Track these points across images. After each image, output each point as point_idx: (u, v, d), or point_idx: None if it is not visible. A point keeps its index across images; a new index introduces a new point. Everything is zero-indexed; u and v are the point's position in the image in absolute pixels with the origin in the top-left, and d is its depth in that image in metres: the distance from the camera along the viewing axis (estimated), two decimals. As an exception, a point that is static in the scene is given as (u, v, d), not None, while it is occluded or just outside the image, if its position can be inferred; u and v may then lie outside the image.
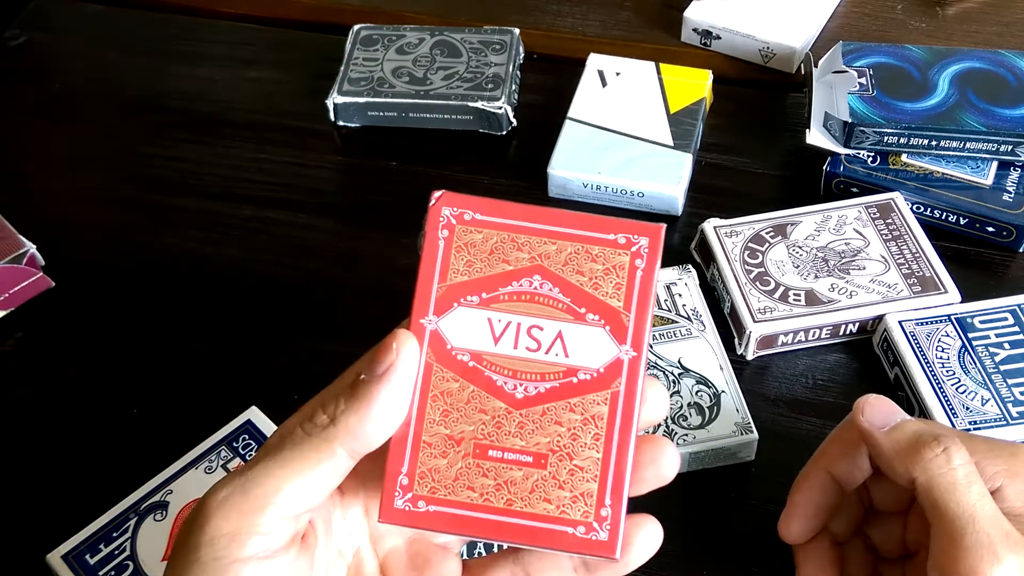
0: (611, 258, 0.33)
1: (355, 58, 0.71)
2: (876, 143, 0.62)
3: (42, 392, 0.57)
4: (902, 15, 0.76)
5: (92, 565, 0.48)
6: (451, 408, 0.32)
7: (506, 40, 0.71)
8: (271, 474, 0.30)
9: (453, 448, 0.32)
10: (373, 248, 0.64)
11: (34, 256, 0.61)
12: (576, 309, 0.32)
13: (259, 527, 0.30)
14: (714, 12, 0.73)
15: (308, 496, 0.30)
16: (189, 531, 0.30)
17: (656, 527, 0.32)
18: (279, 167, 0.69)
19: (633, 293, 0.32)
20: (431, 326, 0.33)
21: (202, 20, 0.79)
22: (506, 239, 0.33)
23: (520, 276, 0.33)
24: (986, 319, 0.55)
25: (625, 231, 0.33)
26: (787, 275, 0.57)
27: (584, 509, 0.31)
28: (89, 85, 0.75)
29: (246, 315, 0.60)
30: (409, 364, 0.31)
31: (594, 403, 0.32)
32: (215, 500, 0.30)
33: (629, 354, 0.32)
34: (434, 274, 0.33)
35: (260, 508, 0.30)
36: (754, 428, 0.51)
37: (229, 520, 0.30)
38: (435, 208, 0.33)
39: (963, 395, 0.51)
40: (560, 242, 0.33)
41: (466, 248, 0.33)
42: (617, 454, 0.32)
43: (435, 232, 0.33)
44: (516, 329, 0.32)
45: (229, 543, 0.29)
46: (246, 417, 0.53)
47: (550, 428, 0.32)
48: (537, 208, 0.33)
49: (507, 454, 0.32)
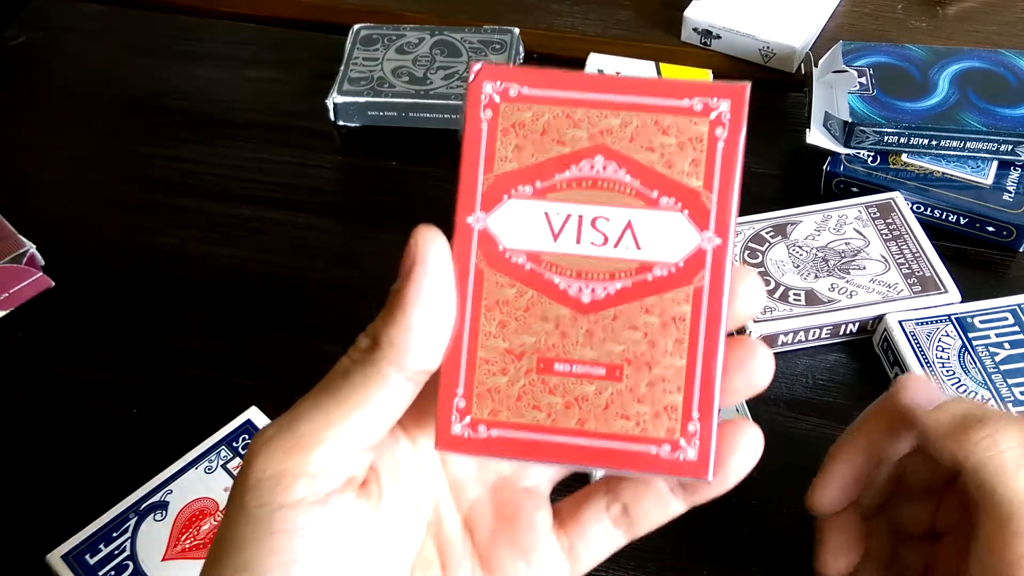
0: (686, 129, 0.28)
1: (355, 58, 0.71)
2: (876, 143, 0.62)
3: (42, 392, 0.57)
4: (902, 14, 0.76)
5: (92, 565, 0.48)
6: (509, 318, 0.28)
7: (506, 40, 0.71)
8: (320, 407, 0.27)
9: (514, 363, 0.28)
10: (373, 248, 0.63)
11: (34, 256, 0.61)
12: (647, 193, 0.28)
13: (307, 467, 0.27)
14: (714, 12, 0.73)
15: (362, 431, 0.27)
16: (239, 476, 0.28)
17: (756, 433, 0.28)
18: (279, 167, 0.68)
19: (715, 168, 0.28)
20: (479, 225, 0.29)
21: (202, 20, 0.79)
22: (560, 115, 0.28)
23: (579, 158, 0.28)
24: (986, 319, 0.55)
25: (702, 94, 0.28)
26: (787, 275, 0.57)
27: (668, 425, 0.27)
28: (88, 85, 0.75)
29: (246, 315, 0.60)
30: (436, 256, 0.28)
31: (674, 302, 0.28)
32: (261, 440, 0.27)
33: (713, 242, 0.28)
34: (478, 163, 0.29)
35: (308, 446, 0.27)
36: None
37: (273, 460, 0.27)
38: (475, 84, 0.29)
39: (963, 395, 0.51)
40: (624, 114, 0.28)
41: (514, 130, 0.28)
42: (704, 360, 0.27)
43: (476, 113, 0.29)
44: (578, 222, 0.28)
45: (274, 486, 0.27)
46: (246, 417, 0.53)
47: (624, 334, 0.28)
48: (595, 76, 0.29)
49: (576, 367, 0.28)
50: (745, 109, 0.29)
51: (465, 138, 0.29)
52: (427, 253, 0.28)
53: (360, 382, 0.27)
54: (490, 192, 0.29)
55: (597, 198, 0.28)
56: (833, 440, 0.53)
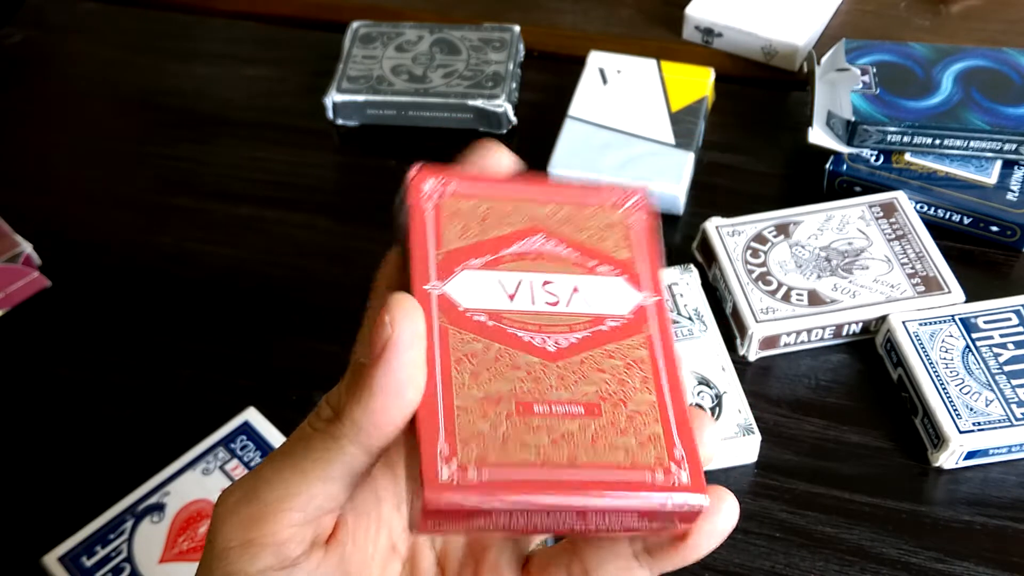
0: (606, 216, 0.32)
1: (353, 56, 0.70)
2: (879, 142, 0.61)
3: (38, 392, 0.57)
4: (905, 13, 0.76)
5: (88, 567, 0.47)
6: (480, 368, 0.28)
7: (506, 38, 0.71)
8: (282, 477, 0.27)
9: (493, 409, 0.28)
10: (372, 247, 0.62)
11: (30, 256, 0.61)
12: (586, 263, 0.31)
13: (272, 537, 0.27)
14: (716, 9, 0.72)
15: (325, 499, 0.27)
16: (207, 542, 0.28)
17: (733, 502, 0.28)
18: (277, 166, 0.68)
19: (639, 243, 0.31)
20: (436, 291, 0.29)
21: (199, 17, 0.79)
22: (496, 206, 0.31)
23: (522, 236, 0.31)
24: (990, 319, 0.54)
25: (612, 194, 0.32)
26: (789, 275, 0.57)
27: (656, 453, 0.28)
28: (86, 83, 0.75)
29: (243, 315, 0.60)
30: (411, 333, 0.27)
31: (632, 347, 0.30)
32: (225, 508, 0.28)
33: (652, 299, 0.31)
34: (428, 242, 0.30)
35: (271, 516, 0.27)
36: (756, 429, 0.51)
37: (239, 530, 0.27)
38: (415, 182, 0.31)
39: (967, 396, 0.51)
40: (552, 205, 0.31)
41: (457, 216, 0.31)
42: (672, 395, 0.29)
43: (419, 203, 0.31)
44: (530, 286, 0.30)
45: (240, 556, 0.27)
46: (243, 418, 0.52)
47: (594, 376, 0.29)
48: (520, 178, 0.32)
49: (555, 407, 0.28)
50: (650, 202, 0.32)
51: (412, 223, 0.30)
52: (401, 334, 0.26)
53: (321, 455, 0.27)
54: (443, 265, 0.30)
55: (543, 267, 0.30)
56: (834, 440, 0.53)
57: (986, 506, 0.50)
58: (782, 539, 0.49)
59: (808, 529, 0.49)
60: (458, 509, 0.27)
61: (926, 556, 0.48)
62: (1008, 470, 0.51)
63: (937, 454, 0.51)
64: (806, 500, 0.50)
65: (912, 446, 0.52)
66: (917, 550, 0.48)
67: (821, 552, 0.49)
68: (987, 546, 0.48)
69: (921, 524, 0.49)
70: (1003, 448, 0.50)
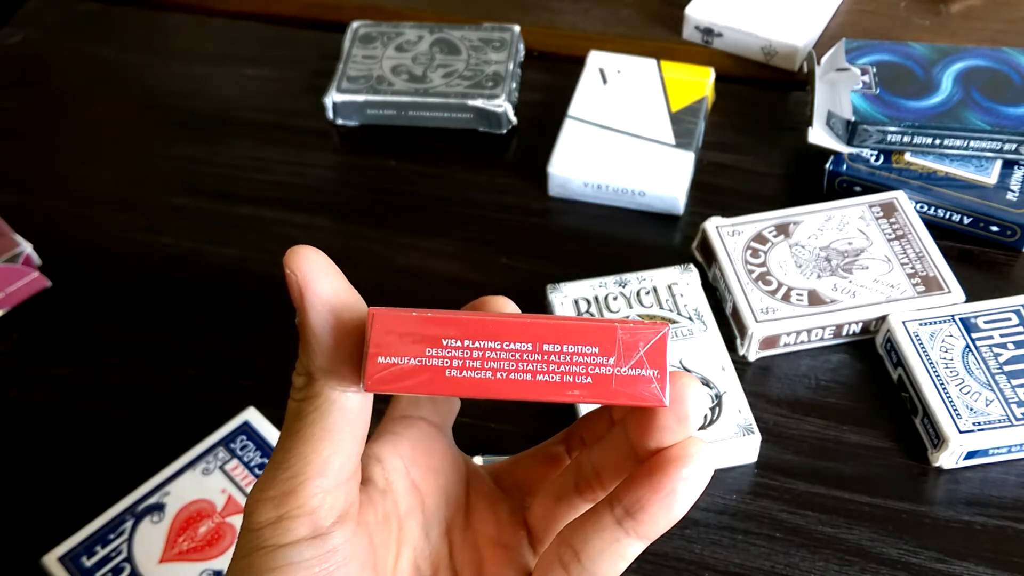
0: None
1: (353, 56, 0.70)
2: (879, 142, 0.61)
3: (38, 392, 0.57)
4: (905, 12, 0.76)
5: (88, 567, 0.47)
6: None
7: (506, 37, 0.71)
8: (293, 452, 0.28)
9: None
10: (371, 247, 0.63)
11: (30, 256, 0.61)
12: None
13: (301, 508, 0.27)
14: (716, 10, 0.72)
15: (337, 457, 0.28)
16: (241, 529, 0.29)
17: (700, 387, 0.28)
18: (277, 166, 0.68)
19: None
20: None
21: (199, 17, 0.79)
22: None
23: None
24: (990, 319, 0.54)
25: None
26: (789, 275, 0.57)
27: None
28: (85, 83, 0.75)
29: (243, 315, 0.60)
30: (314, 267, 0.27)
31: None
32: (251, 500, 0.28)
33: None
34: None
35: (296, 488, 0.27)
36: (756, 429, 0.51)
37: (271, 510, 0.28)
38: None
39: (967, 396, 0.51)
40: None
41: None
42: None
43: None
44: None
45: (274, 531, 0.27)
46: (244, 418, 0.52)
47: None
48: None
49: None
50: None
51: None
52: (307, 275, 0.27)
53: (316, 417, 0.28)
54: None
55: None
56: (834, 440, 0.53)
57: (986, 506, 0.50)
58: (782, 539, 0.49)
59: (808, 529, 0.49)
60: (409, 333, 0.26)
61: (926, 556, 0.48)
62: (1008, 470, 0.51)
63: (937, 454, 0.51)
64: (806, 500, 0.50)
65: (912, 446, 0.52)
66: (917, 550, 0.48)
67: (821, 552, 0.49)
68: (987, 546, 0.48)
69: (921, 524, 0.49)
70: (1003, 448, 0.50)
